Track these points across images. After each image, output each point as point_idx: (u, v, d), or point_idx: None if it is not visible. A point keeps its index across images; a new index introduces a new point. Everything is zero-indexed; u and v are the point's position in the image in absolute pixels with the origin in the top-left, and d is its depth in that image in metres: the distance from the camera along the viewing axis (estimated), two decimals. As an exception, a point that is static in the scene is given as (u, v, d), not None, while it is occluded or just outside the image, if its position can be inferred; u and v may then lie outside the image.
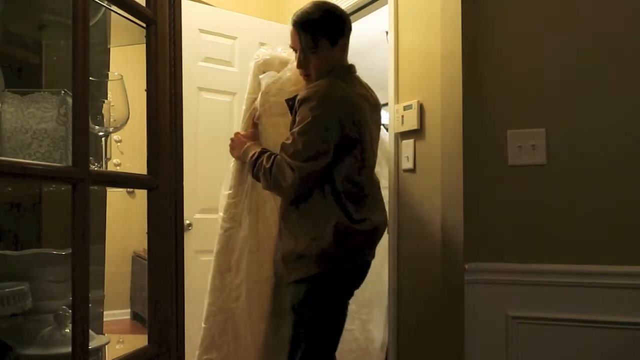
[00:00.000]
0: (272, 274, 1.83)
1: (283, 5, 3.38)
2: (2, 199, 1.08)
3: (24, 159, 0.88)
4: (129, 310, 5.34)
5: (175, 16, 1.04)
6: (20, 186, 1.09)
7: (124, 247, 5.16)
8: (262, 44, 2.95)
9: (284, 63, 1.94)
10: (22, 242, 1.16)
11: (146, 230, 0.95)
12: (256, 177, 1.72)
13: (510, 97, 1.63)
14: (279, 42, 3.00)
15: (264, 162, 1.66)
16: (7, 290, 0.87)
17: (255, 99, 1.91)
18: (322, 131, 1.58)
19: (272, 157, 1.66)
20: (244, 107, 2.03)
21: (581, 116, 1.55)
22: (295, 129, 1.60)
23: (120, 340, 1.29)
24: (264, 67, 1.98)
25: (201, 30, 2.77)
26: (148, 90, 0.97)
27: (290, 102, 1.70)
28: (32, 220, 1.18)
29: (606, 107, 1.52)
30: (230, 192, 1.92)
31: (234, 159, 1.93)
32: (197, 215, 2.71)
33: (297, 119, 1.61)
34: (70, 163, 0.77)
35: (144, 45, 0.99)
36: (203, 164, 2.76)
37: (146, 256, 0.94)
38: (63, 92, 0.94)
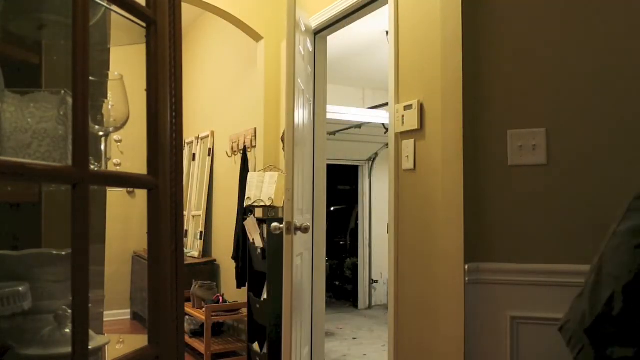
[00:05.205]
0: None
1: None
2: (2, 199, 1.08)
3: (24, 159, 0.88)
4: (129, 310, 5.35)
5: (176, 16, 1.04)
6: (20, 186, 1.09)
7: (124, 247, 5.17)
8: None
9: None
10: (22, 242, 1.15)
11: (146, 230, 0.95)
12: None
13: (510, 97, 1.63)
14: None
15: None
16: (7, 290, 0.87)
17: None
18: None
19: None
20: None
21: (582, 116, 1.55)
22: None
23: (120, 340, 1.29)
24: None
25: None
26: (148, 90, 0.97)
27: None
28: (32, 220, 1.18)
29: (607, 107, 1.53)
30: None
31: None
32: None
33: None
34: (70, 163, 0.76)
35: (144, 45, 0.99)
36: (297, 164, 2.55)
37: (146, 256, 0.94)
38: (63, 92, 0.93)
